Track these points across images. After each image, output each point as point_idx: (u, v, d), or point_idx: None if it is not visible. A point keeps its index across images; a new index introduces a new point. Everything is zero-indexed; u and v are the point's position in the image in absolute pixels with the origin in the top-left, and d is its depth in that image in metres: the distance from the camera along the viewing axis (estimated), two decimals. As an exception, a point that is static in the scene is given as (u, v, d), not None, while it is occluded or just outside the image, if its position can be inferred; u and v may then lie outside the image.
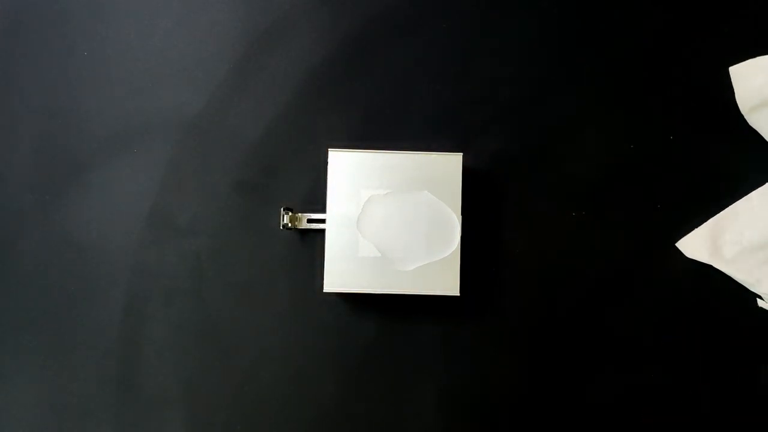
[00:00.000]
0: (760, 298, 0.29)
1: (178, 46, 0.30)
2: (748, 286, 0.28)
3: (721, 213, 0.29)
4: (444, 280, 0.26)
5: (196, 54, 0.30)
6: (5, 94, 0.30)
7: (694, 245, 0.29)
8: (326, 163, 0.27)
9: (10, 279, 0.30)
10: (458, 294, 0.27)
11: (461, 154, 0.27)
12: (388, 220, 0.26)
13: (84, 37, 0.30)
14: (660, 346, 0.29)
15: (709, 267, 0.29)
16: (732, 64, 0.29)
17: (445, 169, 0.27)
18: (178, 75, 0.30)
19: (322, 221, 0.27)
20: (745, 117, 0.29)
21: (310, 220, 0.29)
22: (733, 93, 0.29)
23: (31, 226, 0.28)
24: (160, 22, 0.30)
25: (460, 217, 0.27)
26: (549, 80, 0.30)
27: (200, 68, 0.30)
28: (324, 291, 0.26)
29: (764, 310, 0.29)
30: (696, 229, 0.29)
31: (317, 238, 0.28)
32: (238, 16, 0.30)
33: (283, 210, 0.28)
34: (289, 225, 0.28)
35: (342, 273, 0.26)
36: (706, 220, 0.29)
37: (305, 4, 0.30)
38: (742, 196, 0.29)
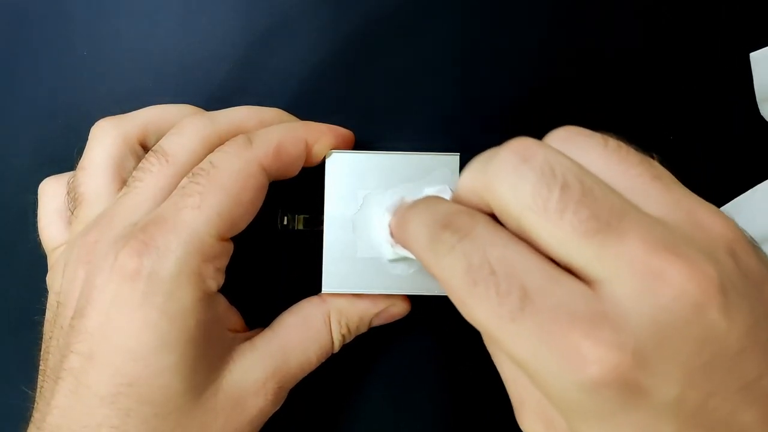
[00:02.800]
0: None
1: (178, 46, 0.30)
2: None
3: (725, 206, 0.29)
4: None
5: (196, 54, 0.30)
6: (5, 94, 0.30)
7: None
8: (324, 163, 0.27)
9: (10, 279, 0.30)
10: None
11: (458, 154, 0.27)
12: (387, 220, 0.26)
13: (84, 37, 0.30)
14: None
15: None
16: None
17: (442, 169, 0.27)
18: (178, 75, 0.30)
19: (320, 222, 0.27)
20: (759, 105, 0.29)
21: (307, 222, 0.29)
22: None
23: (31, 226, 0.28)
24: (160, 22, 0.30)
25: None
26: (549, 80, 0.30)
27: (200, 68, 0.30)
28: (323, 292, 0.26)
29: None
30: None
31: (315, 239, 0.28)
32: (238, 16, 0.30)
33: (281, 212, 0.28)
34: (287, 226, 0.28)
35: (341, 274, 0.26)
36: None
37: (305, 4, 0.30)
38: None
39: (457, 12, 0.30)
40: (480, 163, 0.18)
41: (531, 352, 0.16)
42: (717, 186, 0.29)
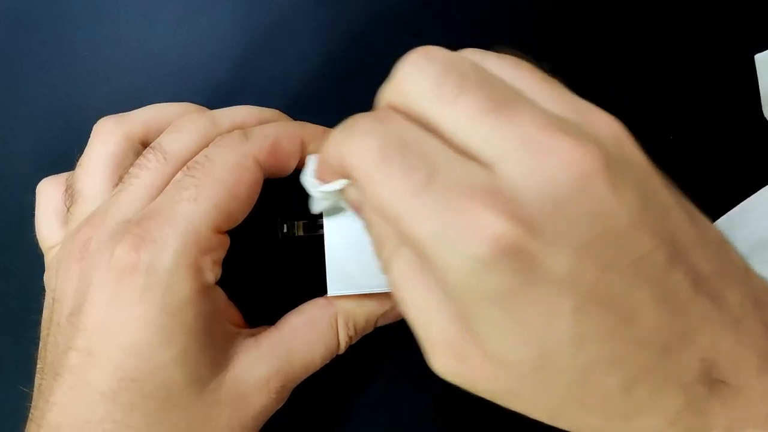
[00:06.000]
0: None
1: (178, 46, 0.30)
2: None
3: (735, 209, 0.29)
4: None
5: (196, 54, 0.30)
6: (5, 94, 0.30)
7: None
8: None
9: (10, 279, 0.30)
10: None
11: None
12: None
13: (84, 37, 0.30)
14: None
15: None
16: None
17: None
18: (178, 75, 0.30)
19: (320, 226, 0.27)
20: (763, 107, 0.29)
21: (307, 227, 0.28)
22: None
23: (31, 226, 0.28)
24: (160, 22, 0.30)
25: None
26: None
27: (200, 68, 0.30)
28: (329, 295, 0.26)
29: None
30: None
31: (317, 243, 0.28)
32: (238, 16, 0.30)
33: (279, 220, 0.28)
34: (288, 234, 0.28)
35: (345, 275, 0.26)
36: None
37: (305, 4, 0.30)
38: (745, 196, 0.29)
39: (457, 12, 0.30)
40: (389, 78, 0.19)
41: (432, 228, 0.16)
42: (719, 187, 0.29)
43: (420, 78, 0.18)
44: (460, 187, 0.16)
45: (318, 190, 0.24)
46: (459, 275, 0.16)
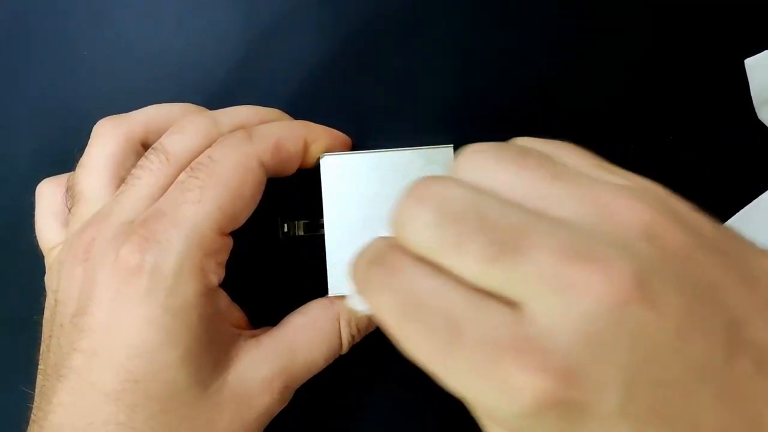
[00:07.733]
0: None
1: (178, 47, 0.30)
2: None
3: (733, 217, 0.29)
4: None
5: (196, 54, 0.30)
6: (5, 95, 0.30)
7: None
8: (319, 167, 0.27)
9: (10, 279, 0.30)
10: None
11: (452, 146, 0.27)
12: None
13: (84, 37, 0.30)
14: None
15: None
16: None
17: (436, 162, 0.26)
18: (178, 75, 0.30)
19: (321, 226, 0.27)
20: (756, 110, 0.29)
21: (308, 227, 0.28)
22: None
23: (31, 227, 0.28)
24: (160, 22, 0.30)
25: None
26: (548, 81, 0.30)
27: (200, 68, 0.30)
28: (329, 295, 0.26)
29: None
30: None
31: (318, 243, 0.28)
32: (238, 16, 0.30)
33: (280, 220, 0.28)
34: (289, 233, 0.28)
35: (346, 275, 0.26)
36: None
37: (305, 4, 0.30)
38: (745, 197, 0.29)
39: (456, 12, 0.30)
40: (393, 214, 0.18)
41: (467, 387, 0.16)
42: (716, 187, 0.29)
43: (418, 227, 0.17)
44: (488, 343, 0.15)
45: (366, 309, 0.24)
46: (507, 424, 0.16)
